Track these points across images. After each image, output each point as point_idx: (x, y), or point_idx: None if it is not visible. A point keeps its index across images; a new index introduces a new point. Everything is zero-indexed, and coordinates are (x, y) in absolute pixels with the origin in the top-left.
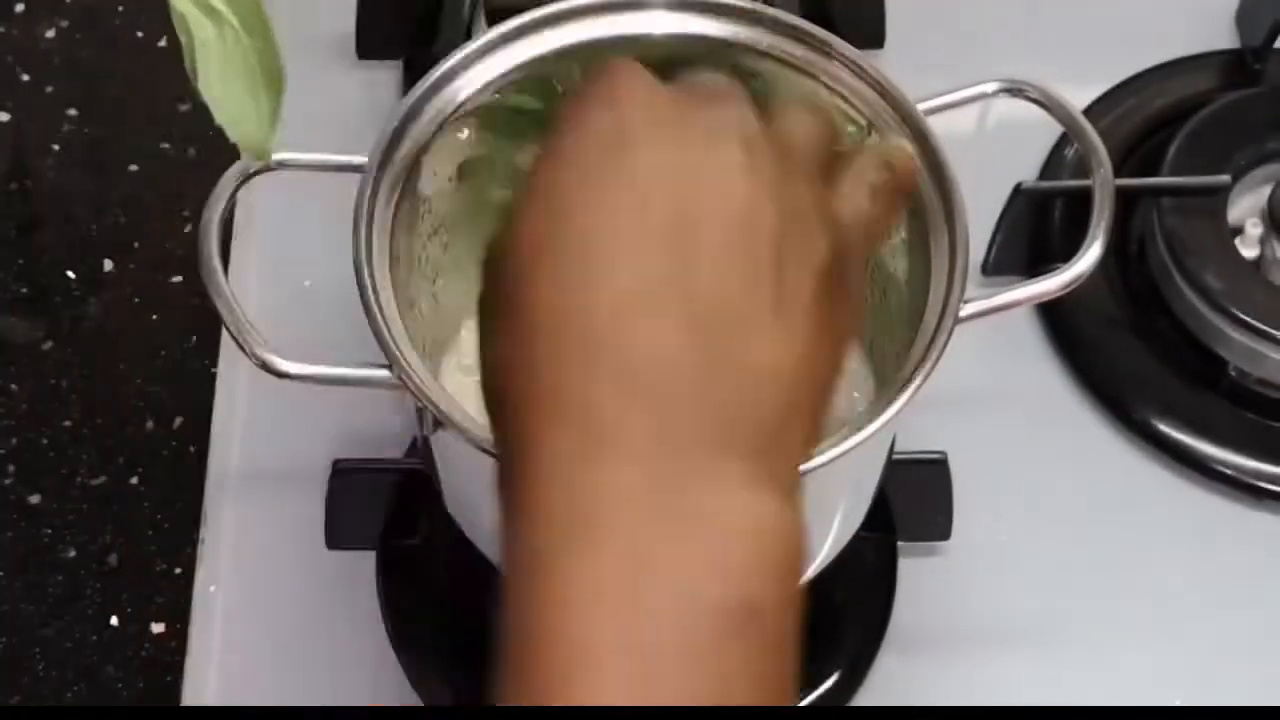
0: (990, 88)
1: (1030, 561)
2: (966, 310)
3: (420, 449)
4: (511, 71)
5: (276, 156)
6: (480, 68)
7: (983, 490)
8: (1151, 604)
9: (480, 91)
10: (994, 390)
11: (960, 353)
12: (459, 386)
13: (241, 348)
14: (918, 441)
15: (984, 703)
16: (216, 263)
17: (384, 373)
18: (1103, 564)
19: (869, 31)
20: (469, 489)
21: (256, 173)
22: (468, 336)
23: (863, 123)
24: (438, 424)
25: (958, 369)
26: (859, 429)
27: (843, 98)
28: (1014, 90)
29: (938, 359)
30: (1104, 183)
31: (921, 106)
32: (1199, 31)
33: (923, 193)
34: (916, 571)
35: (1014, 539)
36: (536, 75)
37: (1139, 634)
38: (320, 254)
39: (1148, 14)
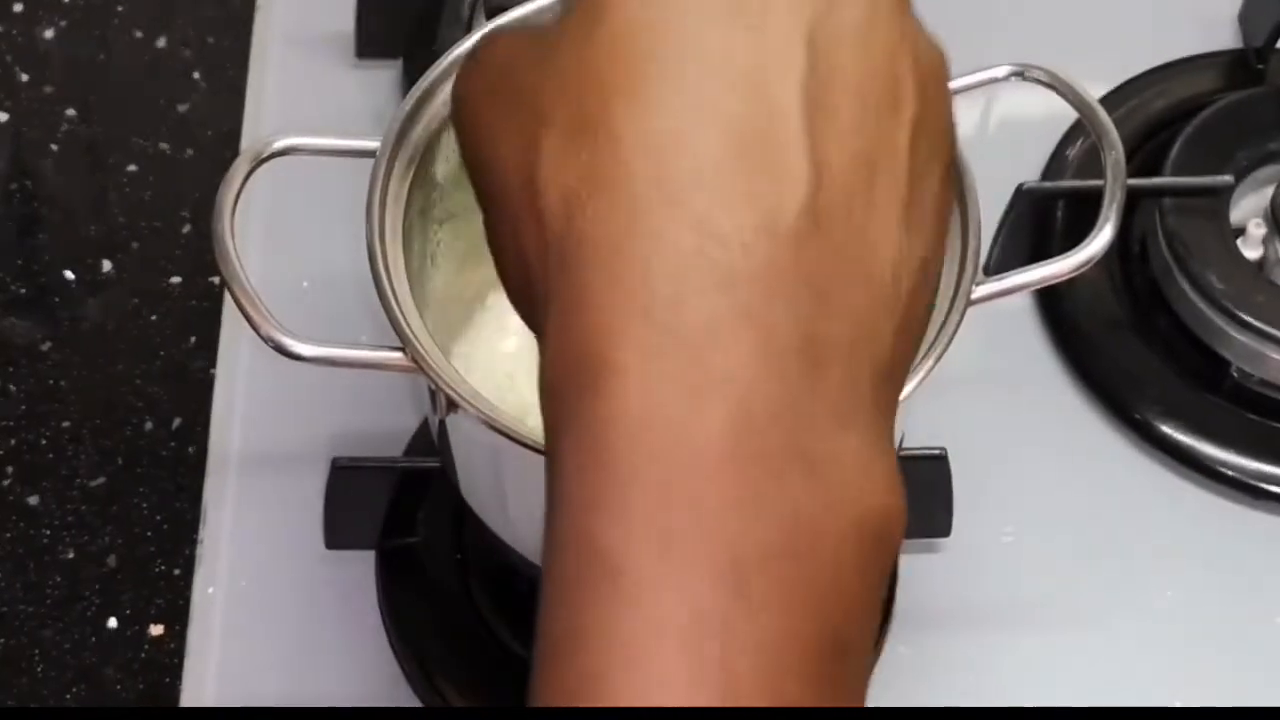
0: (1001, 72)
1: (1030, 561)
2: (979, 292)
3: (435, 435)
4: None
5: (286, 142)
6: None
7: (983, 489)
8: (1152, 606)
9: None
10: (995, 389)
11: (962, 351)
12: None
13: (256, 329)
14: (918, 438)
15: (984, 702)
16: (230, 243)
17: (397, 355)
18: (1103, 564)
19: None
20: (485, 474)
21: (270, 156)
22: (479, 323)
23: None
24: (451, 406)
25: (959, 367)
26: None
27: None
28: (1024, 74)
29: (950, 339)
30: (1116, 166)
31: None
32: (1201, 32)
33: None
34: (916, 568)
35: (1014, 538)
36: None
37: (1140, 634)
38: (320, 248)
39: (1150, 14)
